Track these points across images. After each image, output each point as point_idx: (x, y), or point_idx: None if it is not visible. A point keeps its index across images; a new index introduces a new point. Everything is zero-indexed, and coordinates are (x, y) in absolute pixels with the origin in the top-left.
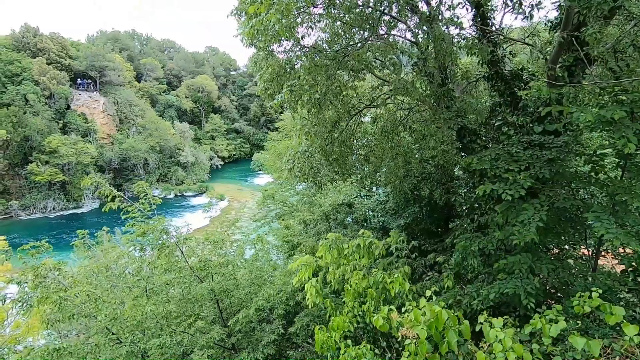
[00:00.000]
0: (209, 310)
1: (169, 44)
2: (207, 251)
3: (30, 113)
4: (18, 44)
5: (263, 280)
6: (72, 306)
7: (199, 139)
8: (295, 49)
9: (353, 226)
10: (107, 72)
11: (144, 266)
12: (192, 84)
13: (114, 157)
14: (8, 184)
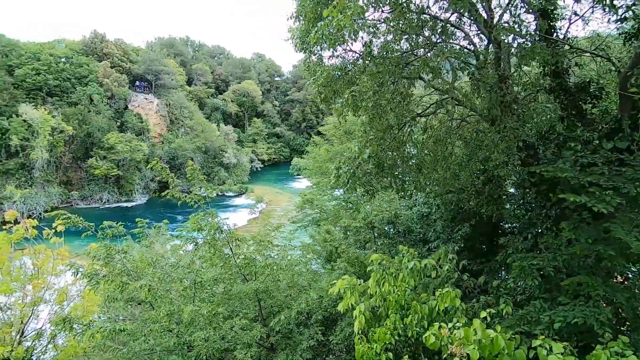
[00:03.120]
0: (249, 308)
1: (219, 51)
2: (253, 250)
3: (94, 112)
4: (87, 49)
5: (302, 285)
6: (132, 290)
7: (241, 141)
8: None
9: (395, 237)
10: (162, 75)
11: (195, 259)
12: (238, 89)
13: (163, 155)
14: (71, 175)
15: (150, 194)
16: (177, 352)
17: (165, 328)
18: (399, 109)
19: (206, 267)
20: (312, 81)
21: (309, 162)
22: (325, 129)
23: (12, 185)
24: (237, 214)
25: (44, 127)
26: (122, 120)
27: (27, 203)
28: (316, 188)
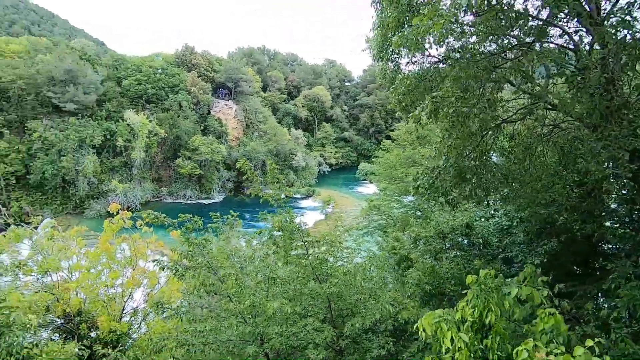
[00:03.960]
0: (319, 308)
1: (292, 58)
2: (324, 251)
3: (182, 117)
4: (178, 61)
5: (373, 290)
6: (213, 281)
7: (310, 145)
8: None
9: (469, 250)
10: (240, 83)
11: (269, 253)
12: (309, 94)
13: (239, 157)
14: (161, 173)
15: (226, 192)
16: (251, 342)
17: (243, 318)
18: (483, 115)
19: (280, 264)
20: (392, 90)
21: (377, 167)
22: (396, 134)
23: (116, 180)
24: (304, 215)
25: (143, 130)
26: (205, 124)
27: (127, 196)
28: (384, 194)
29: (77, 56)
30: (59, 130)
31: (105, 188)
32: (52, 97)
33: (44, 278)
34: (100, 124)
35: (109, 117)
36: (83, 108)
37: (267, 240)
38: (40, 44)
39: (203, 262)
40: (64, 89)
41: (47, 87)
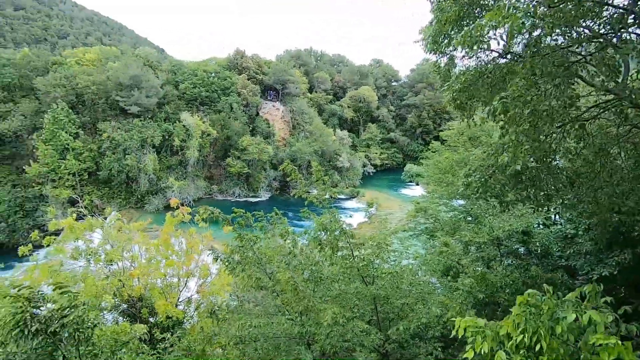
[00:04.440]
0: (365, 310)
1: (339, 59)
2: (370, 252)
3: (232, 118)
4: (230, 65)
5: (421, 295)
6: (261, 275)
7: (355, 146)
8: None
9: (527, 258)
10: (288, 84)
11: (314, 252)
12: (355, 95)
13: (285, 157)
14: (213, 172)
15: (272, 191)
16: (299, 340)
17: (291, 318)
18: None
19: (326, 264)
20: (447, 87)
21: (425, 169)
22: (447, 135)
23: (172, 177)
24: (348, 216)
25: (197, 131)
26: (254, 125)
27: (182, 192)
28: (431, 196)
29: (141, 63)
30: (125, 131)
31: (163, 185)
32: (120, 100)
33: (112, 265)
34: (159, 125)
35: (167, 119)
36: (145, 110)
37: (313, 240)
38: (110, 53)
39: (253, 257)
40: (130, 93)
41: (115, 91)
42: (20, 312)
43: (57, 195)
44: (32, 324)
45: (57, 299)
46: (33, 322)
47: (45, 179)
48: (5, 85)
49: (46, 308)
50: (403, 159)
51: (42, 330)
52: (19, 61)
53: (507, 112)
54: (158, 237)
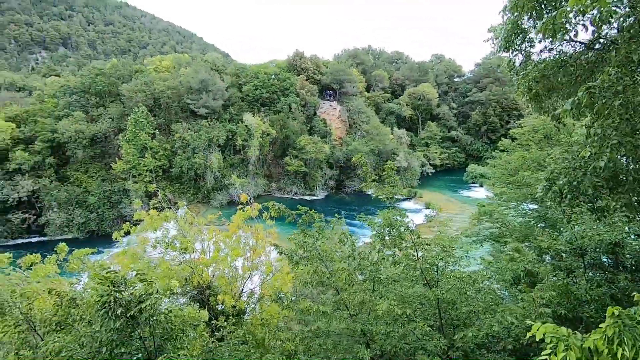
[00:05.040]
0: (427, 314)
1: (397, 56)
2: (435, 255)
3: (291, 118)
4: (289, 66)
5: (488, 304)
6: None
7: (413, 145)
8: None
9: (616, 272)
10: (345, 84)
11: (374, 253)
12: (414, 92)
13: (341, 156)
14: (272, 170)
15: (328, 190)
16: (358, 339)
17: (351, 315)
18: None
19: (387, 264)
20: (522, 76)
21: (491, 170)
22: (518, 132)
23: (235, 175)
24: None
25: (257, 131)
26: (311, 125)
27: (243, 189)
28: (498, 199)
29: (209, 68)
30: (194, 132)
31: (226, 182)
32: (190, 103)
33: (184, 255)
34: (224, 125)
35: (231, 120)
36: (212, 112)
37: (376, 237)
38: (182, 60)
39: (315, 253)
40: (198, 96)
41: (186, 95)
42: (107, 294)
43: (137, 189)
44: (116, 307)
45: (136, 285)
46: (117, 305)
47: (128, 174)
48: (97, 92)
49: (127, 293)
50: (465, 159)
51: (123, 314)
52: (108, 70)
53: (593, 104)
54: (225, 230)
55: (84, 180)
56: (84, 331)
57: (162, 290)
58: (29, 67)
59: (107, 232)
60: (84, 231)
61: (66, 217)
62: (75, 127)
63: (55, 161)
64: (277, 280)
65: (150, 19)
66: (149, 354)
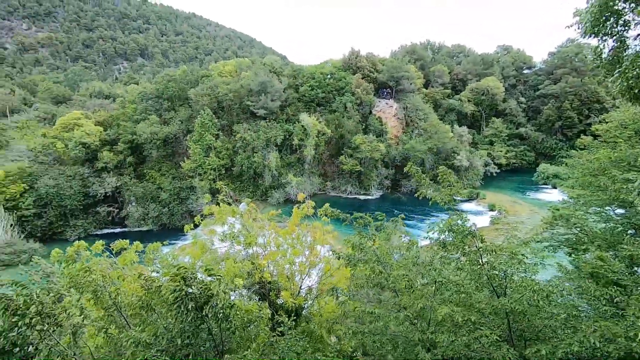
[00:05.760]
0: (494, 323)
1: (458, 49)
2: (503, 262)
3: (346, 117)
4: (345, 65)
5: (565, 318)
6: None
7: (475, 143)
8: None
9: None
10: (402, 81)
11: (436, 258)
12: (477, 87)
13: (397, 155)
14: (327, 169)
15: (383, 190)
16: (417, 342)
17: (410, 320)
18: None
19: (449, 269)
20: (617, 74)
21: (567, 169)
22: (603, 128)
23: (291, 174)
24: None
25: (313, 131)
26: (367, 123)
27: (299, 188)
28: (576, 202)
29: (267, 70)
30: (253, 132)
31: (283, 180)
32: (250, 105)
33: (249, 249)
34: (281, 125)
35: (288, 120)
36: (270, 113)
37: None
38: (243, 64)
39: (372, 255)
40: (258, 98)
41: (246, 97)
42: (179, 290)
43: (202, 186)
44: (187, 302)
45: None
46: (188, 300)
47: (194, 173)
48: (169, 97)
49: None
50: (535, 158)
51: (194, 308)
52: (178, 76)
53: None
54: (284, 227)
55: (157, 177)
56: (160, 322)
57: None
58: (114, 76)
59: (177, 226)
60: (157, 224)
61: (143, 211)
62: (150, 129)
63: (134, 160)
64: (332, 277)
65: (214, 26)
66: (216, 345)
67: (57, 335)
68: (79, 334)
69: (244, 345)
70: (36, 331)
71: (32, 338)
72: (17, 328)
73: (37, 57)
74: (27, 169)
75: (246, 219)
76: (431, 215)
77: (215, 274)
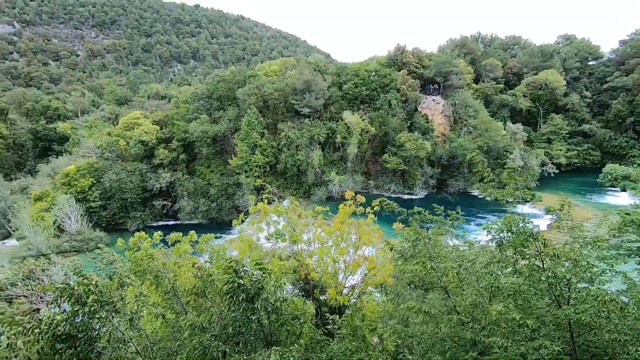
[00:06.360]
0: (555, 334)
1: (513, 41)
2: (567, 270)
3: (391, 115)
4: (390, 61)
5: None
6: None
7: (531, 141)
8: None
9: None
10: (450, 76)
11: (493, 261)
12: (534, 81)
13: (443, 154)
14: (370, 168)
15: (429, 189)
16: (468, 348)
17: (461, 320)
18: None
19: (506, 273)
20: None
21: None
22: None
23: (334, 172)
24: None
25: (357, 129)
26: (412, 121)
27: (342, 186)
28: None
29: (312, 69)
30: (297, 130)
31: (326, 178)
32: (294, 103)
33: (294, 246)
34: (325, 123)
35: (331, 118)
36: (314, 111)
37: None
38: (288, 63)
39: (425, 251)
40: (302, 96)
41: (291, 96)
42: (231, 282)
43: (248, 183)
44: (239, 293)
45: (255, 274)
46: (240, 292)
47: (241, 169)
48: (218, 97)
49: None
50: (601, 158)
51: (244, 299)
52: (227, 77)
53: None
54: (328, 224)
55: (207, 174)
56: (214, 310)
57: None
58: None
59: (224, 220)
60: (206, 218)
61: (193, 205)
62: (201, 128)
63: (186, 157)
64: (375, 276)
65: (261, 27)
66: (265, 336)
67: (116, 321)
68: (135, 320)
69: (291, 339)
70: (96, 318)
71: (94, 324)
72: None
73: (103, 62)
74: (95, 164)
75: (291, 215)
76: (477, 216)
77: (264, 269)
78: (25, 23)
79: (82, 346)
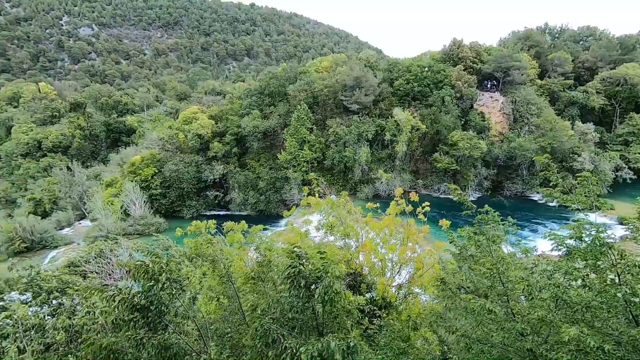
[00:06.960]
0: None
1: (586, 32)
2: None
3: (444, 112)
4: (444, 56)
5: None
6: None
7: (604, 143)
8: None
9: None
10: (511, 71)
11: (559, 271)
12: (610, 76)
13: (500, 154)
14: (419, 166)
15: (482, 191)
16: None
17: (525, 330)
18: None
19: (574, 285)
20: None
21: None
22: None
23: (381, 169)
24: None
25: (406, 126)
26: (466, 119)
27: (389, 184)
28: None
29: (362, 65)
30: (345, 126)
31: (373, 176)
32: (343, 100)
33: (344, 240)
34: (374, 120)
35: (380, 115)
36: (363, 108)
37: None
38: (339, 59)
39: (487, 253)
40: (352, 93)
41: (340, 92)
42: (294, 267)
43: (295, 177)
44: (300, 279)
45: (315, 263)
46: (301, 277)
47: (289, 164)
48: (270, 93)
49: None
50: None
51: (304, 285)
52: (279, 74)
53: None
54: (377, 221)
55: (256, 167)
56: (273, 294)
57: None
58: (224, 75)
59: (271, 213)
60: (255, 210)
61: (243, 197)
62: (253, 123)
63: (238, 151)
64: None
65: (313, 24)
66: (317, 325)
67: (180, 299)
68: (194, 300)
69: (341, 332)
70: (166, 294)
71: (164, 299)
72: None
73: (167, 60)
74: (157, 155)
75: (340, 210)
76: (534, 222)
77: (326, 257)
78: (102, 25)
79: (153, 317)
